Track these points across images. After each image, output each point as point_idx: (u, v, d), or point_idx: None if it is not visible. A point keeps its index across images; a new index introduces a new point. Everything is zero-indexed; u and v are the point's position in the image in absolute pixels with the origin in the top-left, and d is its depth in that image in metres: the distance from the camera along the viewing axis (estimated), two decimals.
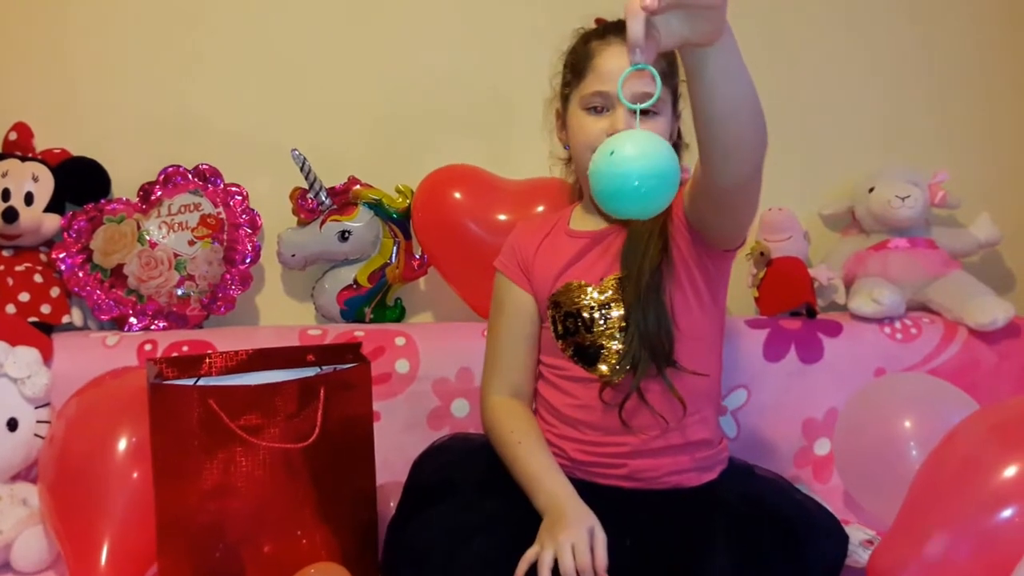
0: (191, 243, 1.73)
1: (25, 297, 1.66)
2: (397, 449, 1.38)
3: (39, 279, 1.70)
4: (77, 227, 1.73)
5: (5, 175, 1.70)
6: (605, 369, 1.18)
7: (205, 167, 1.78)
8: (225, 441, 1.19)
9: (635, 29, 0.77)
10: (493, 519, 1.12)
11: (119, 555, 1.27)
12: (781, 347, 1.65)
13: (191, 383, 1.27)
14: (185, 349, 1.61)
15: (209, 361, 1.31)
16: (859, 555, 1.28)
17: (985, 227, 1.81)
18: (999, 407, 1.30)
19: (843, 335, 1.67)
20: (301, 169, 1.71)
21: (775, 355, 1.64)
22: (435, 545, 1.10)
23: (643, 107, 0.86)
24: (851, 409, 1.55)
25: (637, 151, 0.78)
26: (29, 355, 1.51)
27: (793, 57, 1.89)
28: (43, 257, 1.74)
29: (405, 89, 1.85)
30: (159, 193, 1.76)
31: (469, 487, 1.19)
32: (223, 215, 1.76)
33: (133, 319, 1.71)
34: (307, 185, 1.73)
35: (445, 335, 1.69)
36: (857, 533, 1.36)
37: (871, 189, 1.80)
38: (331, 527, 1.26)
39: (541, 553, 1.02)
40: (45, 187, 1.72)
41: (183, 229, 1.74)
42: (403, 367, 1.62)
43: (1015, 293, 1.94)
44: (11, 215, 1.66)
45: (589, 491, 1.12)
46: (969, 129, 1.91)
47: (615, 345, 1.18)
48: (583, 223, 1.27)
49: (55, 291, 1.71)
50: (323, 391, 1.23)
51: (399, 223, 1.78)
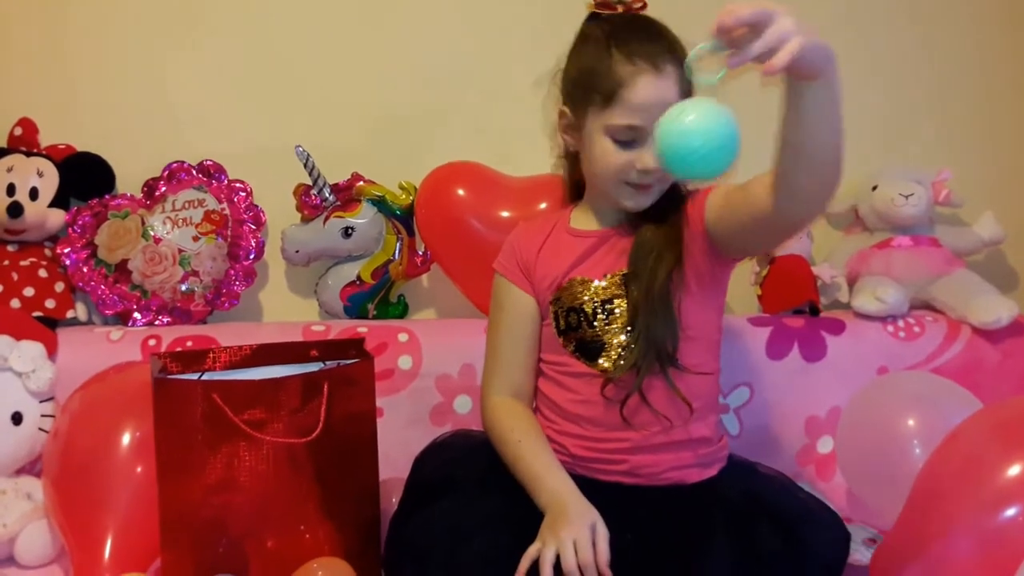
0: (195, 239, 1.73)
1: (30, 292, 1.67)
2: (400, 445, 1.38)
3: (44, 274, 1.70)
4: (82, 222, 1.73)
5: (10, 170, 1.70)
6: (607, 364, 1.18)
7: (209, 163, 1.79)
8: (229, 436, 1.19)
9: (781, 59, 0.81)
10: (495, 517, 1.12)
11: (123, 549, 1.28)
12: (784, 345, 1.64)
13: (195, 378, 1.27)
14: (189, 344, 1.61)
15: (213, 356, 1.32)
16: (862, 553, 1.28)
17: (989, 226, 1.80)
18: (1002, 406, 1.30)
19: (846, 333, 1.66)
20: (305, 165, 1.71)
21: (778, 353, 1.64)
22: (437, 542, 1.11)
23: (715, 81, 0.87)
24: (854, 407, 1.55)
25: (713, 120, 0.88)
26: (34, 349, 1.51)
27: None
28: (48, 252, 1.74)
29: (409, 85, 1.85)
30: (163, 189, 1.76)
31: (471, 484, 1.19)
32: (227, 211, 1.76)
33: (137, 314, 1.71)
34: (311, 181, 1.73)
35: (448, 331, 1.69)
36: (860, 531, 1.36)
37: (875, 187, 1.79)
38: (334, 522, 1.26)
39: (543, 550, 1.02)
40: (50, 182, 1.72)
41: (187, 225, 1.74)
42: (406, 363, 1.62)
43: (1019, 292, 1.93)
44: (16, 210, 1.66)
45: (590, 487, 1.12)
46: (973, 127, 1.91)
47: (617, 339, 1.18)
48: (586, 223, 1.26)
49: (59, 286, 1.71)
50: (327, 386, 1.23)
51: (402, 220, 1.78)
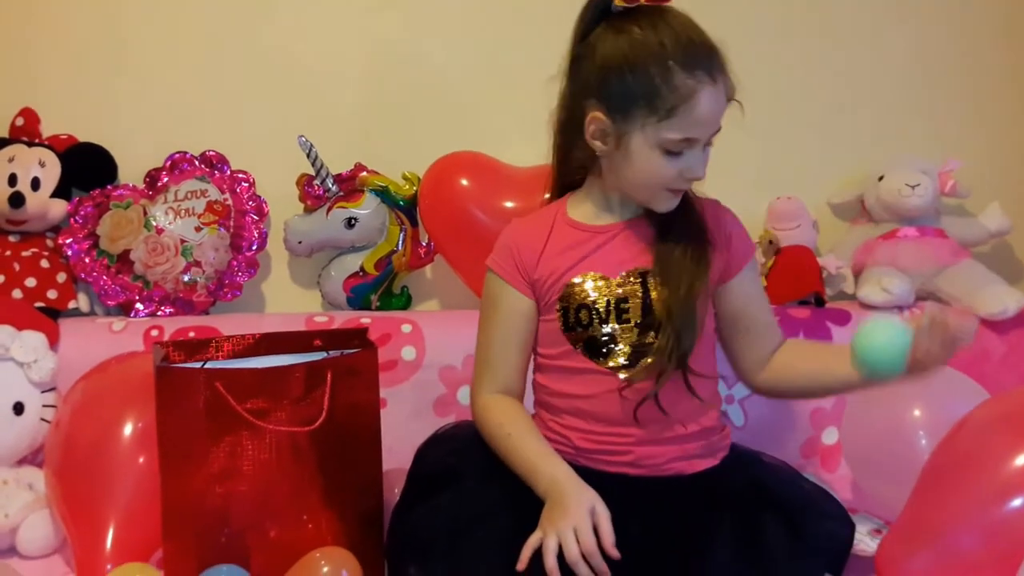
0: (198, 229, 1.73)
1: (32, 282, 1.66)
2: (403, 436, 1.37)
3: (46, 264, 1.70)
4: (84, 213, 1.73)
5: (12, 160, 1.70)
6: (617, 364, 1.16)
7: (212, 153, 1.78)
8: (232, 425, 1.18)
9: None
10: (496, 507, 1.12)
11: (125, 539, 1.28)
12: (789, 335, 1.62)
13: (198, 366, 1.27)
14: (191, 335, 1.60)
15: (216, 345, 1.31)
16: (867, 544, 1.27)
17: (995, 216, 1.79)
18: (1008, 396, 1.30)
19: (852, 324, 1.65)
20: (308, 155, 1.70)
21: None
22: (439, 533, 1.10)
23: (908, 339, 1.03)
24: (859, 398, 1.54)
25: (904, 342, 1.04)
26: (35, 339, 1.51)
27: (802, 45, 1.87)
28: (50, 243, 1.74)
29: (412, 75, 1.84)
30: (166, 179, 1.76)
31: (473, 475, 1.18)
32: (230, 201, 1.76)
33: (139, 305, 1.71)
34: (314, 172, 1.73)
35: (451, 323, 1.69)
36: (865, 522, 1.36)
37: (880, 178, 1.78)
38: (337, 512, 1.26)
39: (545, 540, 1.01)
40: (52, 173, 1.72)
41: (190, 215, 1.73)
42: (409, 354, 1.62)
43: None
44: (18, 200, 1.66)
45: (594, 478, 1.11)
46: (980, 117, 1.90)
47: (629, 338, 1.16)
48: (592, 216, 1.21)
49: (62, 276, 1.71)
50: (330, 375, 1.23)
51: (406, 210, 1.77)
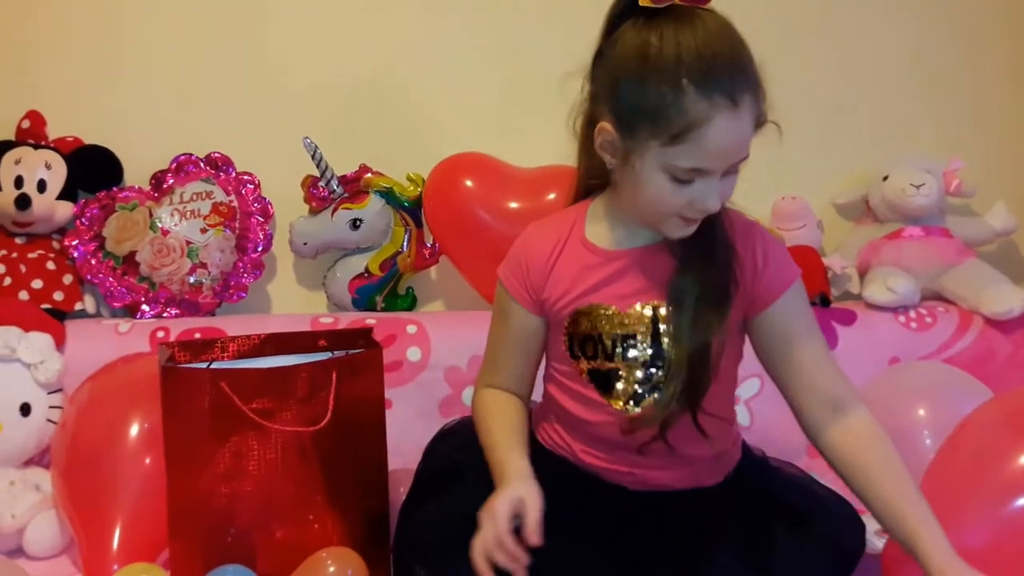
0: (203, 231, 1.73)
1: (38, 284, 1.67)
2: (408, 436, 1.37)
3: (52, 266, 1.70)
4: (90, 215, 1.73)
5: (18, 163, 1.71)
6: (621, 404, 1.11)
7: (217, 155, 1.79)
8: (237, 425, 1.19)
9: None
10: None
11: (131, 539, 1.28)
12: None
13: (203, 367, 1.27)
14: (197, 336, 1.60)
15: (221, 345, 1.32)
16: (874, 543, 1.27)
17: (1000, 216, 1.79)
18: (1014, 395, 1.29)
19: (857, 324, 1.66)
20: (312, 157, 1.71)
21: None
22: (445, 532, 1.10)
23: None
24: (865, 398, 1.53)
25: None
26: (42, 340, 1.51)
27: (807, 44, 1.87)
28: (56, 244, 1.74)
29: (416, 76, 1.84)
30: (171, 181, 1.76)
31: (478, 473, 1.17)
32: (235, 203, 1.76)
33: (145, 306, 1.71)
34: (319, 173, 1.73)
35: (456, 323, 1.69)
36: (872, 522, 1.35)
37: (885, 177, 1.79)
38: (343, 512, 1.26)
39: (475, 541, 1.00)
40: (58, 175, 1.72)
41: (195, 217, 1.74)
42: (415, 355, 1.62)
43: None
44: (24, 202, 1.66)
45: (596, 483, 1.11)
46: (983, 116, 1.90)
47: (636, 374, 1.11)
48: (608, 239, 1.12)
49: (68, 278, 1.71)
50: (335, 375, 1.23)
51: (410, 211, 1.77)
